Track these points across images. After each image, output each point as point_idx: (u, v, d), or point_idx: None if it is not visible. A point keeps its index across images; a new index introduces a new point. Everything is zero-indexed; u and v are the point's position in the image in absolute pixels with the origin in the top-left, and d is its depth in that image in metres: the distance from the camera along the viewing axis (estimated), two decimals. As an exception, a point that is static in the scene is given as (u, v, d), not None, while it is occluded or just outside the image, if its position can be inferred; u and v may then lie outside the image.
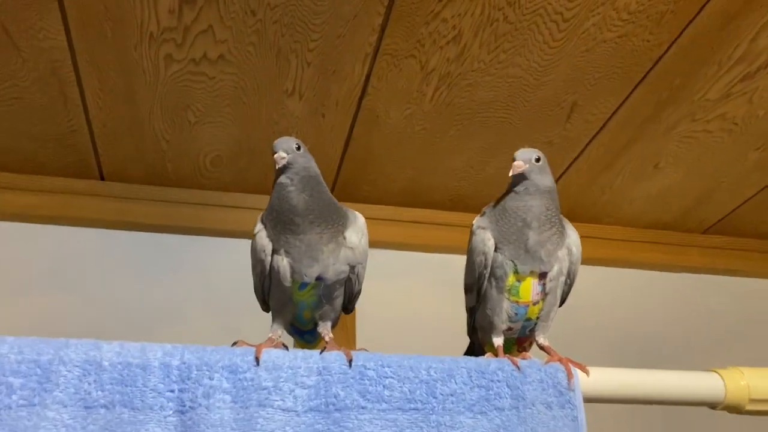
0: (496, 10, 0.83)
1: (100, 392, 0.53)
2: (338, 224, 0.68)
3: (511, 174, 0.71)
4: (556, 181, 1.14)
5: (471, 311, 0.76)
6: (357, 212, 0.72)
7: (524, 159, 0.71)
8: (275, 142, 0.68)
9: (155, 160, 1.04)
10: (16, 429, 0.51)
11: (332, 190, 1.12)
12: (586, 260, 1.29)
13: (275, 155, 0.66)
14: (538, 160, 0.72)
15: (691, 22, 0.86)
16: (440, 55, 0.88)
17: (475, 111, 0.98)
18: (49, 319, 1.03)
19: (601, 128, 1.04)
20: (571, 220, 1.22)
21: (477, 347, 0.77)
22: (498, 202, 0.73)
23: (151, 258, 1.09)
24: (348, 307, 0.74)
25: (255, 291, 0.72)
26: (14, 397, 0.52)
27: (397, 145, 1.04)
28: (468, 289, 0.75)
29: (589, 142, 1.06)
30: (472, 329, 0.77)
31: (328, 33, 0.84)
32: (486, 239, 0.71)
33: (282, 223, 0.66)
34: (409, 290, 1.15)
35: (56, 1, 0.78)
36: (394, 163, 1.08)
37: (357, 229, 0.70)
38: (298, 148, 0.67)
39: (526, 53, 0.89)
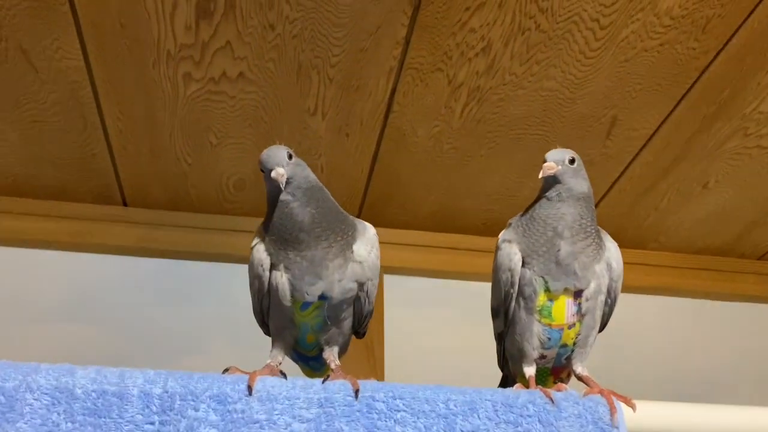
0: (527, 18, 0.78)
1: (69, 424, 0.48)
2: (347, 236, 0.62)
3: (541, 176, 0.64)
4: (597, 203, 1.08)
5: (500, 338, 0.69)
6: (367, 222, 0.67)
7: (556, 160, 0.64)
8: (263, 156, 0.61)
9: (177, 185, 1.01)
10: None
11: (359, 214, 1.08)
12: (632, 288, 1.22)
13: (272, 173, 0.59)
14: (572, 161, 0.65)
15: (740, 27, 0.80)
16: (469, 68, 0.84)
17: (508, 128, 0.93)
18: (70, 348, 1.00)
19: (644, 145, 0.97)
20: (614, 245, 1.18)
21: (510, 381, 0.70)
22: (526, 211, 0.67)
23: (175, 286, 1.06)
24: (359, 330, 0.67)
25: (254, 312, 0.66)
26: None
27: (426, 165, 0.99)
28: (495, 313, 0.68)
29: (632, 160, 1.00)
30: (503, 359, 0.70)
31: (350, 47, 0.81)
32: (512, 253, 0.64)
33: (285, 240, 0.61)
34: (441, 320, 1.09)
35: (72, 19, 0.77)
36: (423, 184, 1.03)
37: (366, 241, 0.64)
38: (290, 158, 0.61)
39: (561, 64, 0.84)
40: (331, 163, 0.99)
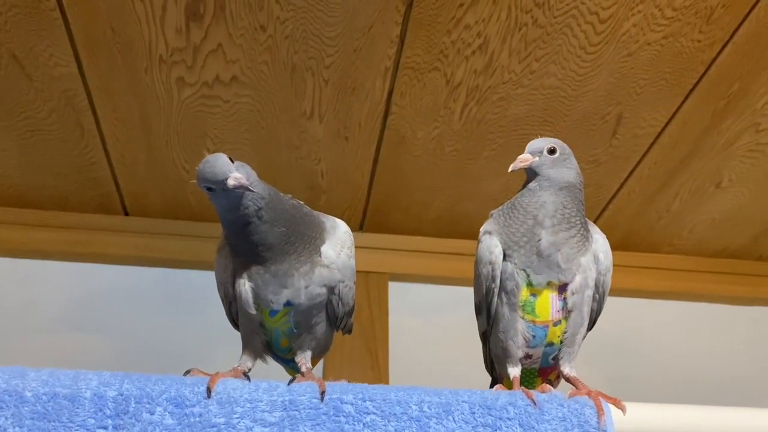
0: (523, 13, 0.76)
1: (17, 428, 0.46)
2: (316, 240, 0.58)
3: (510, 169, 0.62)
4: (606, 206, 1.05)
5: (484, 338, 0.65)
6: (338, 219, 0.63)
7: (533, 151, 0.62)
8: (204, 169, 0.54)
9: (177, 192, 1.00)
10: None
11: (362, 221, 1.07)
12: (647, 293, 1.19)
13: (229, 182, 0.53)
14: (552, 151, 0.62)
15: (747, 16, 0.77)
16: (466, 66, 0.82)
17: (510, 128, 0.91)
18: (72, 358, 1.00)
19: (652, 144, 0.94)
20: (626, 249, 1.15)
21: (498, 384, 0.65)
22: (509, 202, 0.64)
23: (176, 294, 1.05)
24: (340, 326, 0.63)
25: (226, 316, 0.64)
26: None
27: (428, 168, 0.97)
28: (478, 310, 0.64)
29: (640, 160, 0.97)
30: (489, 361, 0.66)
31: (344, 47, 0.79)
32: (492, 246, 0.61)
33: (248, 255, 0.57)
34: (446, 326, 1.06)
35: (63, 25, 0.76)
36: (426, 188, 1.01)
37: (335, 241, 0.59)
38: (232, 161, 0.55)
39: (561, 61, 0.82)
40: (331, 169, 0.97)
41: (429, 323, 1.08)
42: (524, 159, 0.62)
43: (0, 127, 0.88)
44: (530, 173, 0.62)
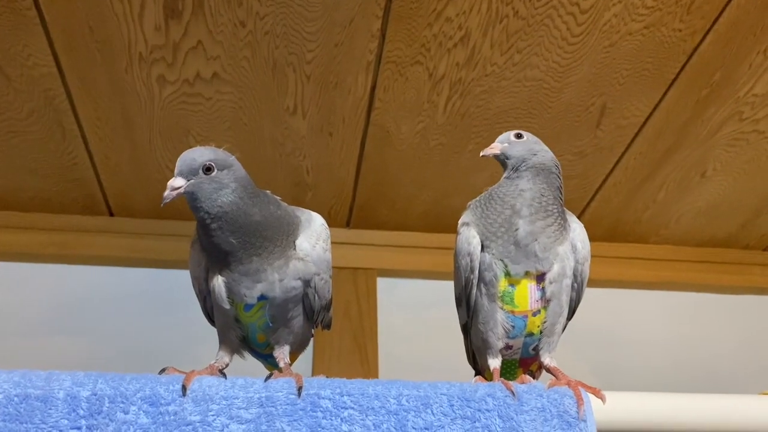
0: (504, 5, 0.76)
1: None
2: (289, 237, 0.57)
3: (481, 155, 0.63)
4: (592, 197, 1.05)
5: (465, 330, 0.65)
6: (314, 213, 0.62)
7: (501, 140, 0.64)
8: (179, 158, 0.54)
9: (161, 191, 0.98)
10: None
11: (349, 218, 1.06)
12: (635, 284, 1.19)
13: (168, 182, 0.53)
14: (519, 136, 0.63)
15: (727, 5, 0.77)
16: (448, 59, 0.82)
17: (494, 121, 0.90)
18: (58, 360, 0.98)
19: (637, 134, 0.94)
20: (613, 240, 1.15)
21: (478, 376, 0.65)
22: (486, 192, 0.64)
23: (163, 295, 1.04)
24: (317, 321, 0.63)
25: (202, 311, 0.64)
26: None
27: (414, 163, 0.97)
28: (458, 302, 0.64)
29: (625, 150, 0.97)
30: (471, 353, 0.66)
31: (325, 41, 0.79)
32: (470, 237, 0.61)
33: (218, 254, 0.56)
34: (435, 321, 1.06)
35: (40, 25, 0.75)
36: (413, 183, 1.00)
37: (311, 233, 0.58)
38: (208, 170, 0.53)
39: (544, 52, 0.81)
40: (316, 165, 0.97)
41: (418, 318, 1.07)
42: (493, 146, 0.64)
43: (-20, 129, 0.88)
44: (501, 158, 0.63)
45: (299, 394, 0.51)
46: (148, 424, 0.48)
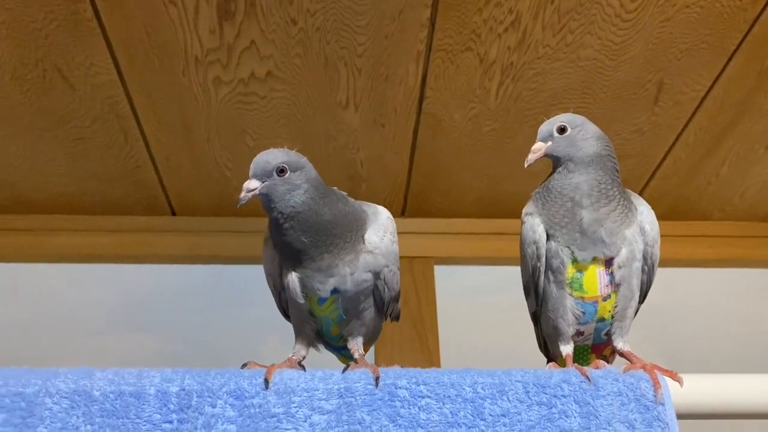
0: (555, -14, 0.75)
1: (89, 426, 0.48)
2: (358, 232, 0.58)
3: (525, 165, 0.61)
4: (652, 175, 1.03)
5: (535, 318, 0.65)
6: (379, 206, 0.63)
7: (543, 137, 0.61)
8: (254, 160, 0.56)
9: (222, 190, 1.02)
10: None
11: (403, 206, 1.07)
12: (699, 262, 1.16)
13: (244, 184, 0.55)
14: (562, 130, 0.61)
15: (789, -30, 0.74)
16: (499, 44, 0.81)
17: (548, 103, 0.89)
18: (127, 358, 1.02)
19: (697, 109, 0.92)
20: (675, 217, 1.12)
21: (552, 362, 0.65)
22: (544, 182, 0.63)
23: (227, 290, 1.07)
24: (387, 313, 0.64)
25: (277, 306, 0.65)
26: None
27: (466, 150, 0.96)
28: (526, 291, 0.64)
29: (685, 126, 0.94)
30: (542, 341, 0.66)
31: (375, 34, 0.79)
32: (535, 225, 0.60)
33: (291, 251, 0.57)
34: (494, 307, 1.06)
35: (101, 34, 0.78)
36: (466, 170, 1.00)
37: (378, 226, 0.60)
38: (282, 172, 0.56)
39: (597, 31, 0.80)
40: (369, 157, 0.97)
41: (477, 305, 1.08)
42: (536, 149, 0.61)
43: (47, 137, 0.91)
44: (551, 158, 0.62)
45: (377, 385, 0.52)
46: (235, 416, 0.49)
